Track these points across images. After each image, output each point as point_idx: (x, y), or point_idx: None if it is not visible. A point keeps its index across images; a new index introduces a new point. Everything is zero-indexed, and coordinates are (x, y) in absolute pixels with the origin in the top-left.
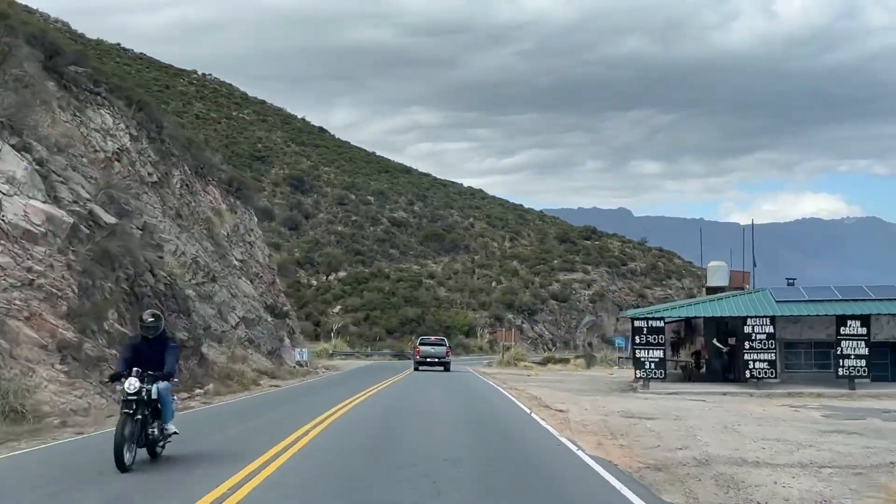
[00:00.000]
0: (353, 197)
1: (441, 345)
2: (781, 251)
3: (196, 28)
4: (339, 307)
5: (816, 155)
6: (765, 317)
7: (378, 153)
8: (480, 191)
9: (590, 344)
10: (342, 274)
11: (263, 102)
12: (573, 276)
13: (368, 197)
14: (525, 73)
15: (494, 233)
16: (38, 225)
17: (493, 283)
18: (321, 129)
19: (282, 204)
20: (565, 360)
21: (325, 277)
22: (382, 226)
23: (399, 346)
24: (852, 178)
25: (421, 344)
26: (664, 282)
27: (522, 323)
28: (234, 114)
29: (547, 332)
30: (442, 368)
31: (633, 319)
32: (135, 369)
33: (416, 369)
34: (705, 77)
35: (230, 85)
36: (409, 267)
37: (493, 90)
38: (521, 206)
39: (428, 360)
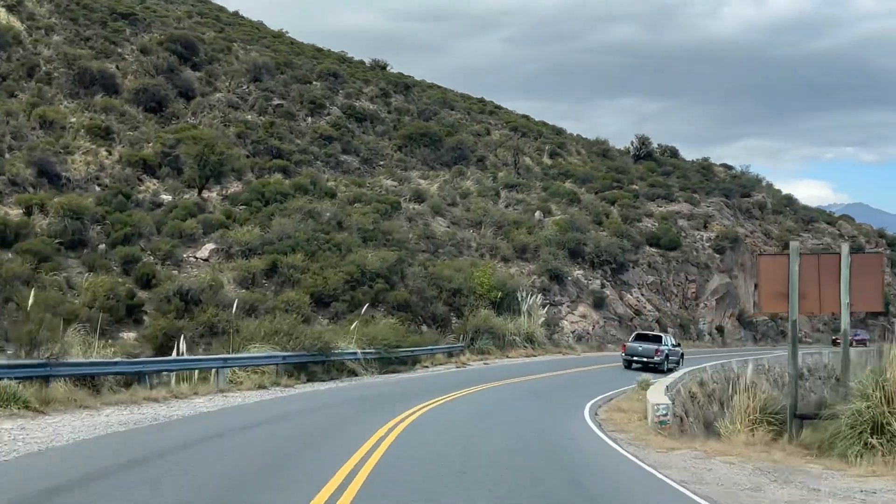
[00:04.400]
0: (281, 74)
1: (656, 340)
2: None
3: None
4: (210, 246)
5: (803, 142)
6: None
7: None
8: (493, 102)
9: (720, 329)
10: (235, 189)
11: None
12: (672, 208)
13: (313, 80)
14: (514, 60)
15: (525, 143)
16: None
17: (538, 215)
18: (262, 24)
19: (141, 73)
20: None
21: (196, 192)
22: (330, 116)
23: (326, 339)
24: (839, 166)
25: (632, 340)
26: (811, 225)
27: (603, 286)
28: None
29: (648, 305)
30: (654, 369)
31: None
32: None
33: (626, 367)
34: (694, 65)
35: None
36: (375, 181)
37: (481, 76)
38: (549, 124)
39: (635, 358)
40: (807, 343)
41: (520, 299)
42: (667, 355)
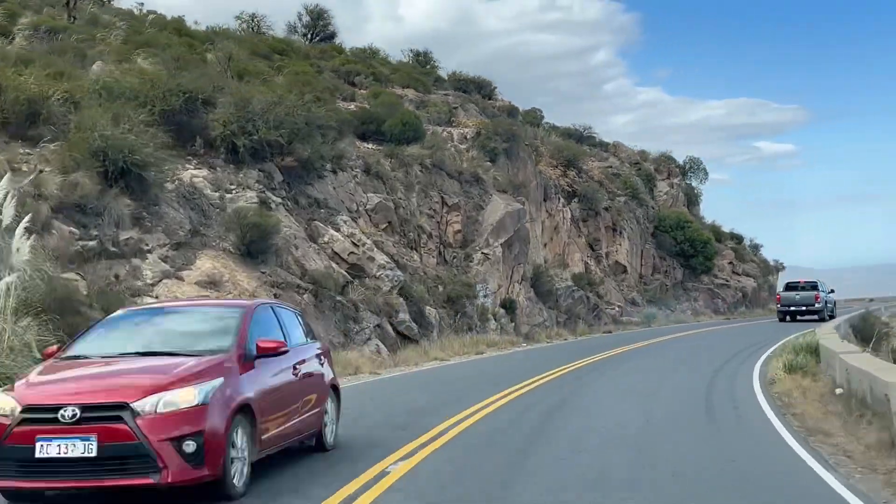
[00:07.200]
0: None
1: (811, 288)
2: None
3: None
4: None
5: None
6: None
7: None
8: None
9: (508, 305)
10: None
11: None
12: (390, 91)
13: None
14: None
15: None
16: None
17: (98, 66)
18: None
19: None
20: None
21: None
22: None
23: None
24: None
25: (784, 290)
26: (582, 146)
27: (269, 206)
28: None
29: (379, 253)
30: (816, 318)
31: None
32: None
33: (781, 320)
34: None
35: None
36: None
37: None
38: None
39: (793, 308)
40: (628, 322)
41: None
42: (826, 302)
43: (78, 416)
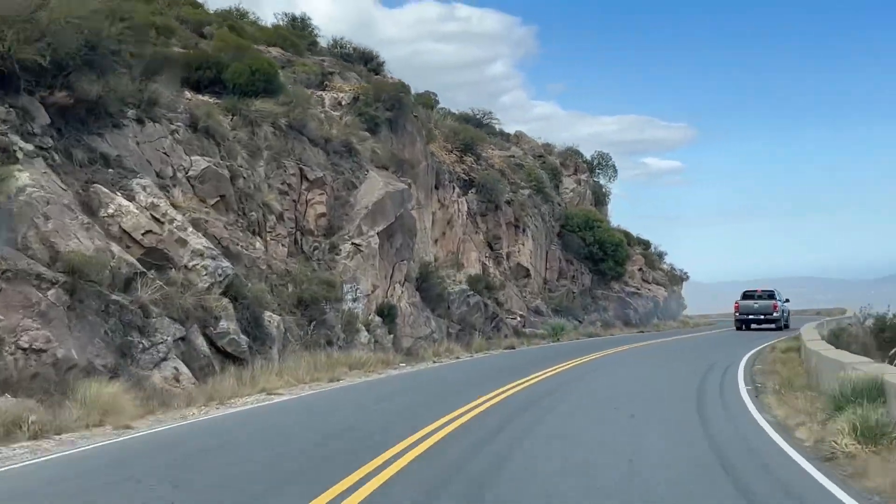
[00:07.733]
0: None
1: (769, 297)
2: None
3: None
4: None
5: None
6: None
7: None
8: None
9: (387, 313)
10: None
11: None
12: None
13: None
14: None
15: None
16: None
17: None
18: None
19: None
20: None
21: None
22: None
23: None
24: None
25: (742, 299)
26: (489, 136)
27: None
28: None
29: (193, 235)
30: (773, 326)
31: None
32: None
33: (739, 328)
34: None
35: None
36: None
37: None
38: None
39: (751, 317)
40: (532, 335)
41: None
42: (783, 311)
43: None
